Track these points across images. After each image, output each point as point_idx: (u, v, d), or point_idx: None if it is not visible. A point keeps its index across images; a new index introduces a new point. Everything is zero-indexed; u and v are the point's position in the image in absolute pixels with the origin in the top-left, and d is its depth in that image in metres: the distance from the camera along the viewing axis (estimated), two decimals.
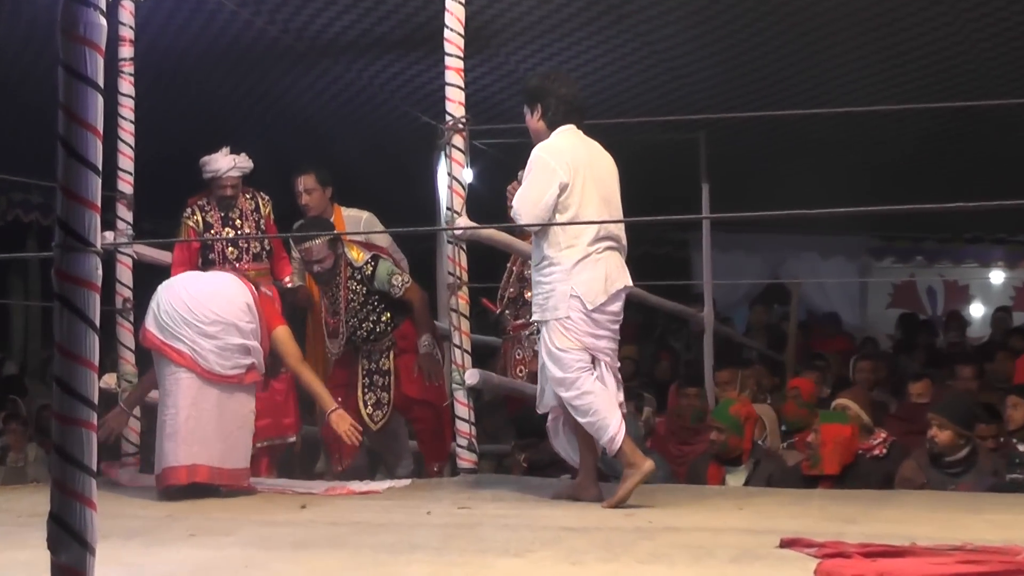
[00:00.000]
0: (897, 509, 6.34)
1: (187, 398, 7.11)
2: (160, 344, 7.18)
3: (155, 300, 7.33)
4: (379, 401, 8.35)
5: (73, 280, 2.70)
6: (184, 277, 7.56)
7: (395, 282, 8.28)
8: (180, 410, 7.09)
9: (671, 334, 15.20)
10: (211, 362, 7.15)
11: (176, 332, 7.16)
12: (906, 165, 12.83)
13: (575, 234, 6.66)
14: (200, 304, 7.22)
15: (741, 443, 8.13)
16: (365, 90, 10.61)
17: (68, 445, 2.69)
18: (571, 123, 6.89)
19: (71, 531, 2.68)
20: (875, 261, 17.62)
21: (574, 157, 6.72)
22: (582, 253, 6.63)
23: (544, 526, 5.74)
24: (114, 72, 8.26)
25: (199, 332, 7.15)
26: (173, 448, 7.07)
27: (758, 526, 5.63)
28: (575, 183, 6.67)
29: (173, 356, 7.15)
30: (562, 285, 6.65)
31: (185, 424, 7.08)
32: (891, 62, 9.51)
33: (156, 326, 7.24)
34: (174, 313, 7.20)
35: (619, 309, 6.77)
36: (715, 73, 9.97)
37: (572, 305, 6.63)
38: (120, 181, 8.51)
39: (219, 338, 7.19)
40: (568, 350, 6.65)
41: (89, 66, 2.72)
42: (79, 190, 2.71)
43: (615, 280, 6.71)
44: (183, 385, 7.13)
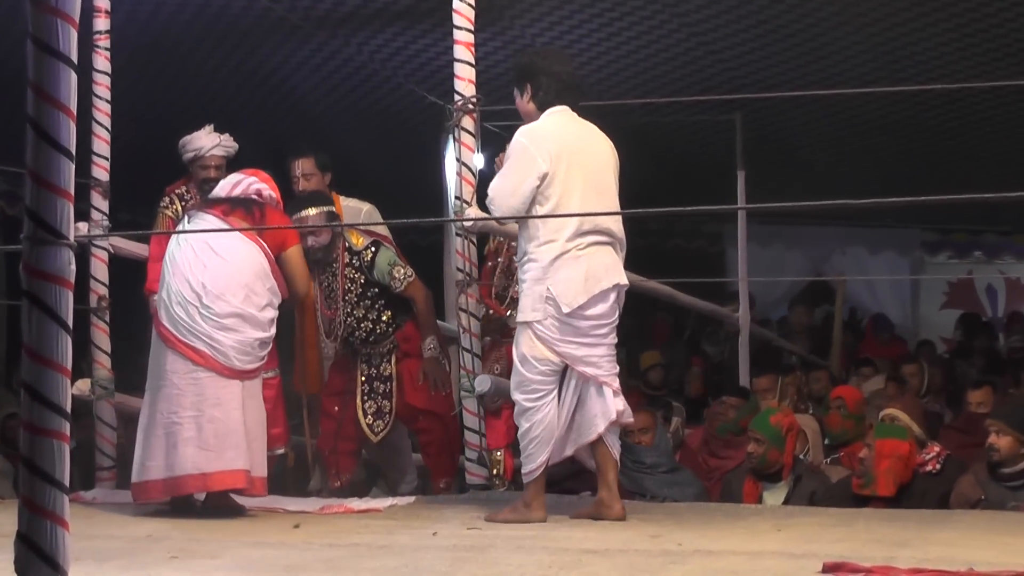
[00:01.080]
0: (953, 531, 6.33)
1: (211, 399, 7.07)
2: (176, 341, 7.12)
3: (164, 289, 7.26)
4: (380, 410, 8.34)
5: (44, 276, 2.70)
6: (191, 257, 7.28)
7: (396, 274, 8.26)
8: (203, 412, 7.03)
9: (704, 337, 15.18)
10: (231, 358, 7.13)
11: (192, 327, 7.11)
12: (965, 151, 12.80)
13: (556, 228, 6.68)
14: (214, 296, 7.14)
15: (781, 457, 8.10)
16: (365, 67, 10.61)
17: (38, 458, 2.69)
18: (564, 104, 6.91)
19: (41, 552, 2.69)
20: (929, 257, 17.58)
21: (559, 142, 6.75)
22: (560, 249, 6.65)
23: (562, 548, 5.74)
24: (88, 46, 8.27)
25: (217, 327, 7.12)
26: (195, 454, 7.00)
27: (799, 549, 5.62)
28: (557, 171, 6.70)
29: (191, 355, 7.11)
30: (537, 285, 6.70)
31: (211, 427, 7.03)
32: (949, 35, 9.47)
33: (169, 320, 7.18)
34: (186, 304, 7.13)
35: (605, 312, 6.77)
36: (753, 48, 9.95)
37: (547, 308, 6.67)
38: (95, 167, 8.52)
39: (238, 331, 7.15)
40: (535, 362, 6.74)
41: (61, 40, 2.73)
42: (50, 176, 2.71)
43: (600, 279, 6.71)
44: (205, 385, 7.08)
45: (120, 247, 8.76)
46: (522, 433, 6.88)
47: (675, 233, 17.27)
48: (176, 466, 7.02)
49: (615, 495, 6.85)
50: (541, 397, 6.76)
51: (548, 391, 6.77)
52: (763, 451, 8.10)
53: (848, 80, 10.35)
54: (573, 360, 6.74)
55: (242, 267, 7.26)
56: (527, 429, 6.81)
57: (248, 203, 7.51)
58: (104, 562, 5.39)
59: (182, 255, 7.26)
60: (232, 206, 7.47)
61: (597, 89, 10.61)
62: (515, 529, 6.46)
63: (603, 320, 6.77)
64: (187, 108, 10.42)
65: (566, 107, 6.93)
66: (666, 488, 8.33)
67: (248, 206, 7.50)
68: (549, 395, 6.77)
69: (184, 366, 7.10)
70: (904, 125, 11.87)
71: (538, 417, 6.76)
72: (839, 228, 16.95)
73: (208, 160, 8.59)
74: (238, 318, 7.16)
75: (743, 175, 11.25)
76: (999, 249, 17.40)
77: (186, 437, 7.01)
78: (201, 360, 7.08)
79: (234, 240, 7.32)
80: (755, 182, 11.29)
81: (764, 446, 8.10)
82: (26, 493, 2.71)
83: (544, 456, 6.76)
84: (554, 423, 6.76)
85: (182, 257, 7.26)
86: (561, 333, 6.70)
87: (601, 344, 6.79)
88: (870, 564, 4.88)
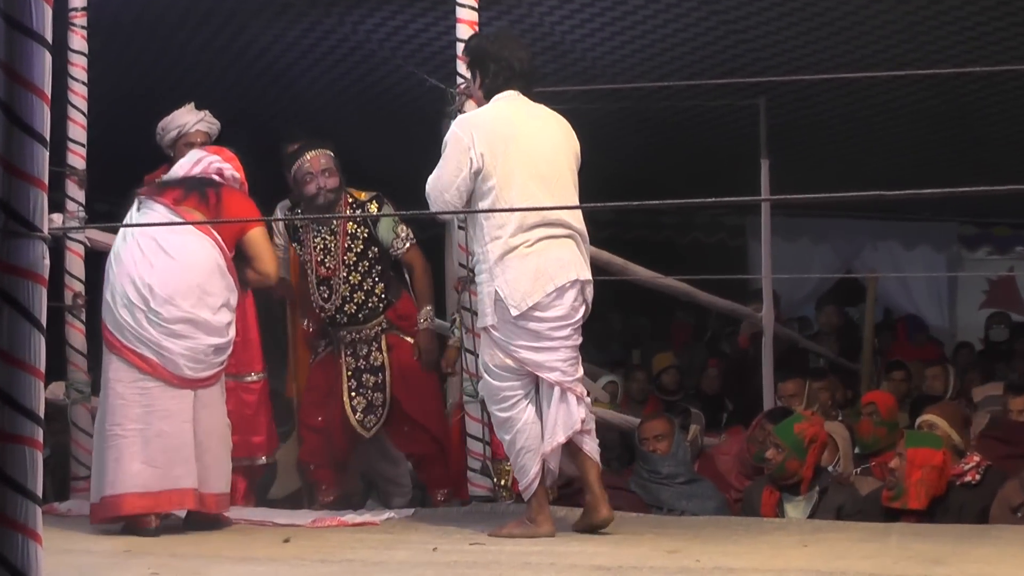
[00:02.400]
0: (992, 547, 6.32)
1: (159, 411, 7.00)
2: (121, 347, 7.06)
3: (109, 289, 7.17)
4: (371, 404, 8.30)
5: (15, 271, 2.70)
6: (136, 255, 7.16)
7: (400, 233, 8.29)
8: (150, 425, 6.97)
9: (724, 338, 15.18)
10: (181, 366, 7.06)
11: (139, 333, 7.03)
12: (1006, 138, 12.80)
13: (498, 224, 6.68)
14: (162, 300, 7.05)
15: (801, 468, 8.03)
16: (362, 47, 10.61)
17: (8, 466, 2.69)
18: (512, 89, 6.92)
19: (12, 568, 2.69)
20: (967, 252, 17.57)
21: (495, 131, 6.77)
22: (505, 247, 6.65)
23: (572, 565, 5.75)
24: (63, 25, 8.28)
25: (166, 333, 7.03)
26: (141, 471, 6.93)
27: (826, 567, 5.62)
28: (494, 163, 6.71)
29: (137, 363, 7.04)
30: (487, 286, 6.72)
31: (158, 442, 6.97)
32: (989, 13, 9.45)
33: (114, 324, 7.10)
34: (132, 308, 7.04)
35: (565, 313, 6.74)
36: (778, 27, 9.95)
37: (497, 311, 6.69)
38: (71, 154, 8.53)
39: (189, 337, 7.08)
40: (498, 371, 6.77)
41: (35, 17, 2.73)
42: (22, 164, 2.71)
43: (552, 276, 6.68)
44: (153, 396, 7.01)
45: (97, 240, 8.75)
46: (507, 447, 6.90)
47: (694, 226, 17.28)
48: (119, 483, 6.93)
49: (599, 497, 6.83)
50: (514, 405, 6.77)
51: (520, 397, 6.77)
52: (781, 459, 8.04)
53: (880, 63, 10.34)
54: (535, 366, 6.72)
55: (194, 265, 7.17)
56: (510, 441, 6.82)
57: (203, 187, 7.43)
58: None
59: (128, 252, 7.17)
60: (185, 191, 7.38)
61: (610, 72, 10.62)
62: (521, 544, 6.47)
63: (562, 322, 6.73)
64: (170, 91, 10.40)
65: (515, 92, 6.93)
66: (684, 500, 8.31)
67: (203, 190, 7.40)
68: (523, 400, 6.76)
69: (129, 374, 7.03)
70: (941, 110, 11.87)
71: (518, 426, 6.76)
72: (871, 221, 16.95)
73: (192, 137, 8.55)
74: (189, 324, 7.08)
75: (767, 164, 11.25)
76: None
77: (132, 452, 6.94)
78: (148, 368, 7.02)
79: (185, 234, 7.23)
80: (780, 172, 11.29)
81: (783, 454, 8.04)
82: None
83: (536, 466, 6.74)
84: (537, 429, 6.75)
85: (128, 254, 7.16)
86: (515, 337, 6.70)
87: (563, 347, 6.75)
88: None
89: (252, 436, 8.42)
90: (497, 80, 6.92)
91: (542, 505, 6.81)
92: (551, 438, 6.74)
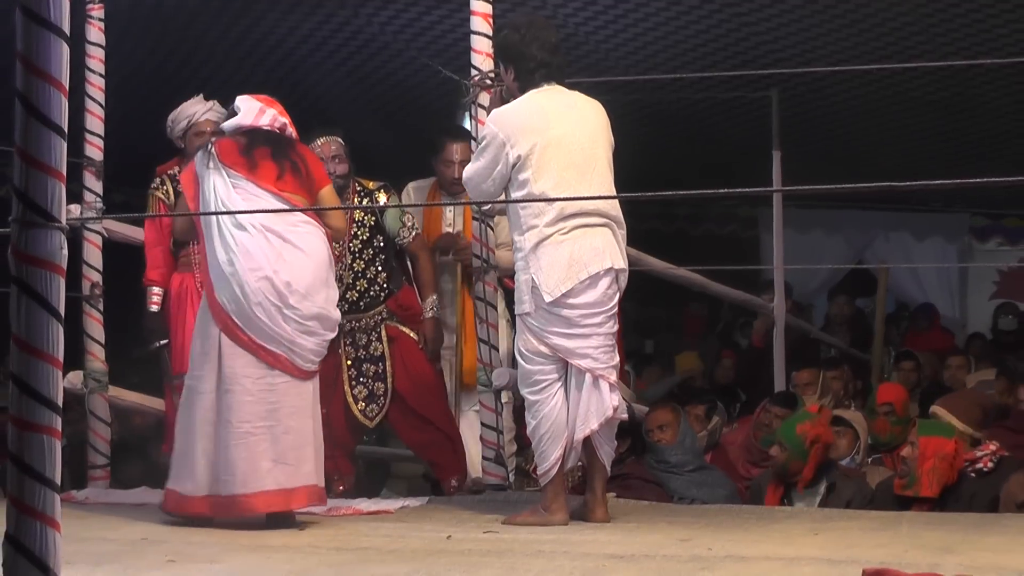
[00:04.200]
0: (1003, 535, 6.31)
1: (287, 407, 6.77)
2: (250, 343, 6.75)
3: (236, 285, 6.76)
4: (372, 393, 8.29)
5: (33, 261, 2.71)
6: (266, 248, 6.79)
7: (406, 222, 8.31)
8: (279, 422, 6.74)
9: (737, 328, 15.16)
10: (307, 361, 6.88)
11: (272, 330, 6.76)
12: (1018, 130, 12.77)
13: (534, 213, 6.75)
14: (300, 296, 6.79)
15: (802, 468, 8.01)
16: (376, 39, 10.61)
17: (27, 455, 2.70)
18: (546, 82, 6.97)
19: (30, 555, 2.69)
20: (978, 243, 17.53)
21: (529, 124, 6.83)
22: (541, 235, 6.71)
23: (584, 553, 5.75)
24: (81, 16, 8.28)
25: (300, 330, 6.81)
26: (272, 469, 6.71)
27: (837, 555, 5.62)
28: (528, 155, 6.77)
29: (267, 359, 6.77)
30: (523, 274, 6.78)
31: (287, 439, 6.75)
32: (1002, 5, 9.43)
33: (244, 320, 6.77)
34: (268, 305, 6.74)
35: (597, 299, 6.80)
36: (791, 19, 9.93)
37: (533, 298, 6.74)
38: (88, 145, 8.54)
39: (318, 334, 6.90)
40: (531, 355, 6.82)
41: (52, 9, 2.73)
42: (41, 155, 2.72)
43: (586, 264, 6.73)
44: (280, 392, 6.77)
45: (114, 231, 8.78)
46: (531, 431, 6.94)
47: (706, 217, 17.25)
48: (252, 482, 6.71)
49: (599, 500, 6.96)
50: (544, 389, 6.81)
51: (551, 382, 6.81)
52: (784, 459, 8.04)
53: (892, 54, 10.32)
54: (566, 352, 6.78)
55: (318, 259, 6.94)
56: (535, 426, 6.87)
57: (288, 155, 7.10)
58: (97, 566, 5.41)
59: (255, 245, 6.79)
60: (279, 166, 7.02)
61: (624, 64, 10.60)
62: (534, 532, 6.48)
63: (595, 309, 6.79)
64: (186, 82, 10.42)
65: (549, 84, 6.98)
66: (694, 489, 8.30)
67: (294, 163, 7.10)
68: (553, 386, 6.81)
69: (258, 370, 6.77)
70: (952, 102, 11.84)
71: (544, 411, 6.80)
72: (882, 213, 16.91)
73: (202, 126, 8.54)
74: (320, 319, 6.88)
75: (779, 155, 11.23)
76: None
77: (262, 450, 6.72)
78: (277, 363, 6.78)
79: (301, 224, 6.95)
80: (792, 163, 11.27)
81: (786, 454, 8.04)
82: (15, 492, 2.71)
83: (558, 453, 6.78)
84: (563, 417, 6.79)
85: (256, 247, 6.79)
86: (548, 324, 6.76)
87: (596, 334, 6.80)
88: (913, 571, 4.87)
89: None
90: (531, 75, 6.96)
91: (558, 493, 6.83)
92: (583, 424, 6.80)
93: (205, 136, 8.45)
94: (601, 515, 6.90)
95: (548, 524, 6.70)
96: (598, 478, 6.96)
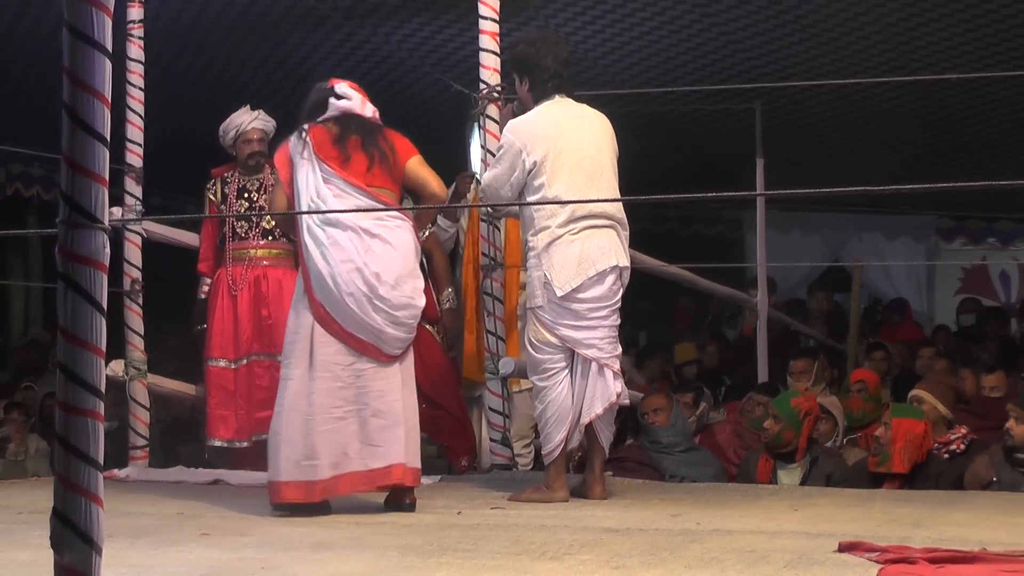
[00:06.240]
0: (967, 511, 6.32)
1: (374, 391, 6.51)
2: (341, 331, 6.48)
3: (328, 275, 6.47)
4: None
5: (79, 259, 2.70)
6: (356, 242, 6.51)
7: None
8: (367, 406, 6.49)
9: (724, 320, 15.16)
10: (393, 348, 6.56)
11: (362, 320, 6.47)
12: (980, 139, 12.77)
13: (547, 215, 6.77)
14: (389, 287, 6.51)
15: (796, 439, 8.09)
16: (392, 56, 10.61)
17: (73, 436, 2.70)
18: (558, 94, 6.99)
19: (76, 529, 2.69)
20: (944, 243, 17.51)
21: (542, 134, 6.84)
22: (553, 236, 6.73)
23: (584, 527, 5.76)
24: (123, 35, 8.29)
25: (389, 320, 6.52)
26: (360, 451, 6.47)
27: (815, 529, 5.62)
28: (543, 163, 6.79)
29: (355, 346, 6.49)
30: (536, 271, 6.80)
31: (375, 421, 6.51)
32: (964, 25, 9.43)
33: (335, 309, 6.49)
34: (359, 295, 6.46)
35: (603, 294, 6.81)
36: (772, 38, 9.93)
37: (545, 293, 6.75)
38: (129, 153, 8.55)
39: (407, 324, 6.60)
40: (541, 345, 6.83)
41: (96, 28, 2.73)
42: (85, 162, 2.71)
43: (594, 262, 6.76)
44: (367, 377, 6.51)
45: (153, 231, 8.79)
46: (538, 415, 6.96)
47: (695, 219, 17.25)
48: (342, 464, 6.46)
49: (597, 479, 6.98)
50: (552, 376, 6.83)
51: (558, 370, 6.83)
52: (779, 429, 8.09)
53: (865, 70, 10.33)
54: (573, 343, 6.80)
55: (406, 251, 6.63)
56: (542, 410, 6.88)
57: (378, 145, 6.78)
58: (137, 539, 5.41)
59: (344, 237, 6.50)
60: (368, 156, 6.70)
61: (619, 78, 10.60)
62: (537, 509, 6.48)
63: (601, 303, 6.81)
64: (217, 96, 10.42)
65: (560, 96, 6.99)
66: (684, 468, 8.35)
67: (381, 150, 6.77)
68: (560, 374, 6.83)
69: (347, 358, 6.49)
70: (920, 114, 11.84)
71: (551, 397, 6.82)
72: (856, 215, 16.90)
73: (250, 134, 8.61)
74: (409, 309, 6.58)
75: (762, 163, 11.23)
76: (1013, 236, 17.31)
77: (351, 432, 6.46)
78: (364, 350, 6.50)
79: (387, 218, 6.63)
80: (774, 169, 11.28)
81: (781, 425, 8.09)
82: (61, 471, 2.71)
83: (561, 435, 6.81)
84: (568, 403, 6.81)
85: (344, 239, 6.50)
86: (559, 316, 6.78)
87: (601, 326, 6.84)
88: (885, 543, 4.88)
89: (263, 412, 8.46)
90: (545, 86, 6.97)
91: (560, 472, 6.86)
92: (589, 409, 6.83)
93: (252, 143, 8.53)
94: (599, 493, 6.92)
95: (550, 501, 6.71)
96: (597, 459, 7.00)
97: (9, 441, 10.45)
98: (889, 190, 3.99)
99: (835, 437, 8.76)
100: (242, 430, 8.45)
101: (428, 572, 4.66)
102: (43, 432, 10.46)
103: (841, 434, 8.88)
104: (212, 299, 8.60)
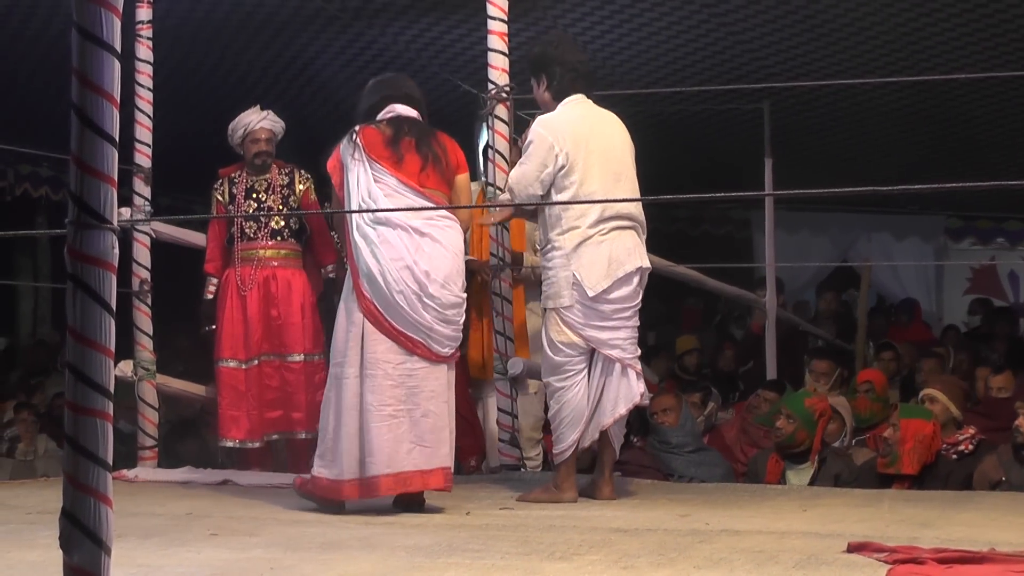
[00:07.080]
0: (976, 512, 6.32)
1: (426, 391, 6.48)
2: (391, 329, 6.45)
3: (378, 274, 6.44)
4: None
5: (88, 259, 2.71)
6: (406, 240, 6.48)
7: None
8: (418, 406, 6.46)
9: (732, 321, 15.16)
10: (444, 347, 6.55)
11: (412, 318, 6.45)
12: (989, 139, 12.75)
13: (577, 215, 6.75)
14: (439, 285, 6.48)
15: (809, 439, 8.06)
16: (401, 56, 10.60)
17: (82, 436, 2.70)
18: (578, 92, 6.97)
19: (85, 529, 2.69)
20: (953, 243, 17.50)
21: (575, 131, 6.82)
22: (583, 236, 6.72)
23: (593, 527, 5.76)
24: (131, 35, 8.29)
25: (439, 318, 6.50)
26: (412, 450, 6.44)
27: (824, 529, 5.62)
28: (575, 160, 6.77)
29: (406, 345, 6.46)
30: (563, 271, 6.77)
31: (425, 422, 6.47)
32: (974, 24, 9.41)
33: (386, 307, 6.46)
34: (409, 294, 6.44)
35: (628, 295, 6.84)
36: (781, 38, 9.92)
37: (573, 293, 6.73)
38: (137, 153, 8.55)
39: (455, 322, 6.59)
40: (562, 346, 6.80)
41: (105, 29, 2.73)
42: (94, 163, 2.72)
43: (623, 263, 6.77)
44: (419, 376, 6.48)
45: (162, 232, 8.80)
46: (552, 415, 6.95)
47: (704, 219, 17.25)
48: (395, 463, 6.41)
49: (606, 479, 6.98)
50: (570, 377, 6.83)
51: (576, 372, 6.83)
52: (792, 429, 8.05)
53: (874, 69, 10.31)
54: (598, 343, 6.81)
55: (455, 250, 6.62)
56: (557, 411, 6.87)
57: (431, 142, 6.72)
58: (146, 539, 5.42)
59: (394, 235, 6.48)
60: (422, 157, 6.65)
61: (628, 79, 10.60)
62: (546, 509, 6.48)
63: (626, 303, 6.83)
64: (225, 97, 10.42)
65: (581, 95, 6.99)
66: (693, 468, 8.35)
67: (435, 152, 6.71)
68: (578, 375, 6.83)
69: (398, 356, 6.46)
70: (929, 114, 11.82)
71: (567, 398, 6.81)
72: (865, 215, 16.89)
73: (258, 133, 8.63)
74: (457, 308, 6.58)
75: (771, 163, 11.22)
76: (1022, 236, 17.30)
77: (402, 432, 6.42)
78: (415, 349, 6.46)
79: (438, 217, 6.59)
80: (783, 169, 11.26)
81: (794, 425, 8.05)
82: (70, 471, 2.72)
83: (574, 436, 6.80)
84: (583, 404, 6.80)
85: (395, 237, 6.47)
86: (586, 317, 6.78)
87: (625, 327, 6.86)
88: (894, 544, 4.88)
89: (292, 412, 8.48)
90: (564, 84, 6.97)
91: (569, 473, 6.85)
92: (613, 409, 6.85)
93: (260, 143, 8.54)
94: (608, 493, 6.92)
95: (559, 501, 6.71)
96: (607, 460, 6.99)
97: (19, 441, 10.47)
98: (898, 190, 4.00)
99: (843, 437, 8.75)
100: (254, 431, 8.47)
101: (437, 572, 4.66)
102: (52, 432, 10.47)
103: (849, 434, 8.86)
104: (221, 300, 8.62)
